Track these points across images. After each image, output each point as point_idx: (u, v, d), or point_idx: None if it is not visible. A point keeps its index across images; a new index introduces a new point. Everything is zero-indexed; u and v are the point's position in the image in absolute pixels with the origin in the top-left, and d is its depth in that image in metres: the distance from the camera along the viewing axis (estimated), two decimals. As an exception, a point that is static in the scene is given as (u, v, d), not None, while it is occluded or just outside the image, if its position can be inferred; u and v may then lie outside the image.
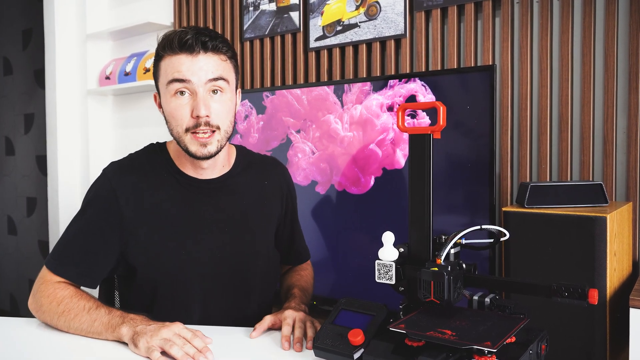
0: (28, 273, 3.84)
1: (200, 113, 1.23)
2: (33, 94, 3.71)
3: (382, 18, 2.13)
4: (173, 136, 1.30)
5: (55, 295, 1.23)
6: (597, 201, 1.44)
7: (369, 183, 1.95)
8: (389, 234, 1.03)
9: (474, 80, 1.73)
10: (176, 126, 1.27)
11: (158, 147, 1.40)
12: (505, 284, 1.02)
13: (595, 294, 0.87)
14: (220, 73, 1.26)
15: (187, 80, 1.23)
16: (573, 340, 1.34)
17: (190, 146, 1.27)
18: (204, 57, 1.24)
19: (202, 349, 1.07)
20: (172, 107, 1.26)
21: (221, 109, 1.27)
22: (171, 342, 1.07)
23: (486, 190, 1.69)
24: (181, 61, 1.24)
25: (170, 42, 1.25)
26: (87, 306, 1.20)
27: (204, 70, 1.24)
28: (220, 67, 1.27)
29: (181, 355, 1.05)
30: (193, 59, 1.24)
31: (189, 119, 1.25)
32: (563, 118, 1.78)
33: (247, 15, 2.58)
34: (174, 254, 1.29)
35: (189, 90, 1.25)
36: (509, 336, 0.88)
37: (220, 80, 1.26)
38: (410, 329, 0.92)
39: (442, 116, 1.00)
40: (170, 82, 1.25)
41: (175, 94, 1.25)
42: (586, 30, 1.74)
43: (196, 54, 1.24)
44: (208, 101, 1.25)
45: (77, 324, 1.19)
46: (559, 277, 1.34)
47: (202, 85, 1.24)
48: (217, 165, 1.36)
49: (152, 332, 1.09)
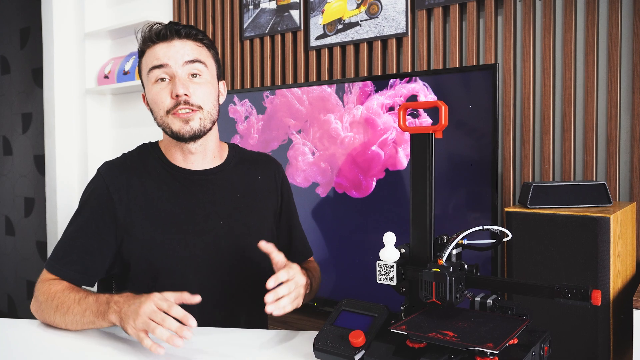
0: (26, 274, 3.84)
1: (179, 92, 1.28)
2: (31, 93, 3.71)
3: (384, 16, 2.13)
4: (158, 124, 1.35)
5: (49, 290, 1.25)
6: (600, 201, 1.44)
7: (371, 184, 1.95)
8: (390, 234, 1.03)
9: (476, 79, 1.73)
10: (158, 111, 1.32)
11: (150, 145, 1.44)
12: (508, 285, 1.02)
13: (599, 295, 0.87)
14: (197, 56, 1.33)
15: (164, 65, 1.30)
16: (576, 342, 1.34)
17: (173, 125, 1.31)
18: (179, 42, 1.32)
19: (182, 317, 1.06)
20: (153, 93, 1.32)
21: (201, 90, 1.32)
22: (152, 324, 1.05)
23: (488, 190, 1.69)
24: (158, 49, 1.32)
25: (148, 35, 1.33)
26: (77, 297, 1.21)
27: (180, 53, 1.31)
28: (196, 51, 1.34)
29: (167, 337, 1.03)
30: (169, 45, 1.32)
31: (169, 100, 1.30)
32: (566, 117, 1.78)
33: (247, 14, 2.58)
34: (169, 249, 1.31)
35: (168, 75, 1.31)
36: (512, 338, 0.88)
37: (197, 62, 1.32)
38: (412, 331, 0.92)
39: (443, 115, 1.00)
40: (150, 71, 1.32)
41: (156, 82, 1.32)
42: (589, 29, 1.74)
43: (170, 40, 1.32)
44: (187, 82, 1.31)
45: (70, 316, 1.20)
46: (561, 278, 1.34)
47: (180, 67, 1.30)
48: (207, 153, 1.39)
49: (133, 314, 1.08)
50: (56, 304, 1.22)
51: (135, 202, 1.33)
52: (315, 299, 2.03)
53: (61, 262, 1.30)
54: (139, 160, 1.39)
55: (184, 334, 1.04)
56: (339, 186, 2.03)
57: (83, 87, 3.30)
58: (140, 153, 1.42)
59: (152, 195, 1.34)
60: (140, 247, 1.31)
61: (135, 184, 1.34)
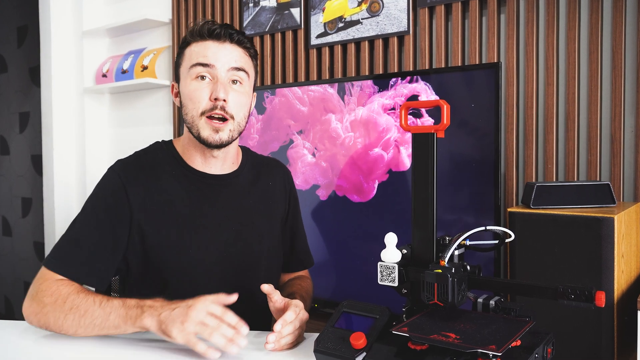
0: (23, 275, 3.84)
1: (219, 95, 1.28)
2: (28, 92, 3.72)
3: (385, 14, 2.13)
4: (187, 122, 1.33)
5: (59, 292, 1.18)
6: (604, 201, 1.44)
7: (373, 186, 1.95)
8: (391, 235, 1.03)
9: (479, 78, 1.73)
10: (192, 109, 1.31)
11: (164, 144, 1.42)
12: (511, 286, 1.02)
13: (603, 297, 0.87)
14: (243, 64, 1.33)
15: (210, 65, 1.30)
16: (580, 344, 1.34)
17: (203, 131, 1.30)
18: (230, 46, 1.32)
19: (236, 324, 1.07)
20: (191, 89, 1.31)
21: (238, 99, 1.32)
22: (208, 328, 1.05)
23: (491, 191, 1.69)
24: (207, 46, 1.31)
25: (200, 29, 1.32)
26: (97, 300, 1.16)
27: (228, 58, 1.31)
28: (244, 59, 1.34)
29: (223, 343, 1.04)
30: (219, 46, 1.31)
31: (207, 101, 1.29)
32: (570, 117, 1.78)
33: (247, 12, 2.58)
34: (181, 251, 1.31)
35: (210, 75, 1.30)
36: (514, 339, 0.88)
37: (241, 71, 1.33)
38: (414, 332, 0.92)
39: (446, 115, 1.00)
40: (193, 66, 1.31)
41: (197, 78, 1.31)
42: (593, 27, 1.74)
43: (223, 41, 1.32)
44: (227, 88, 1.30)
45: (88, 319, 1.14)
46: (565, 279, 1.34)
47: (225, 71, 1.30)
48: (227, 159, 1.39)
49: (181, 316, 1.06)
50: (69, 306, 1.16)
51: (150, 201, 1.31)
52: (316, 300, 2.03)
53: (65, 259, 1.24)
54: (154, 159, 1.37)
55: (239, 341, 1.05)
56: (340, 188, 2.04)
57: (81, 86, 3.31)
58: (154, 151, 1.40)
59: (168, 195, 1.33)
60: (152, 248, 1.30)
61: (151, 183, 1.32)
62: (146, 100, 3.17)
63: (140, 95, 3.20)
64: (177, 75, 1.37)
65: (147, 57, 2.95)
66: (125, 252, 1.30)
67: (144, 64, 2.93)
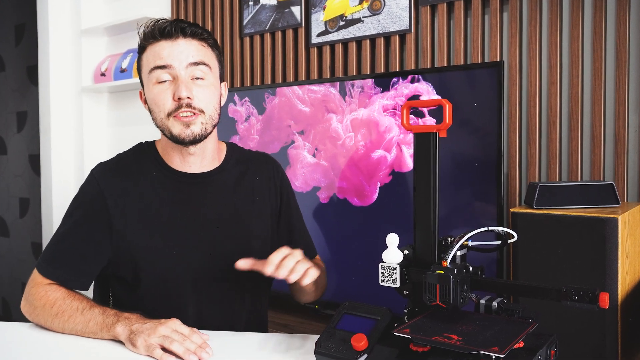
0: (21, 276, 3.85)
1: (182, 94, 1.26)
2: (26, 92, 3.72)
3: (387, 13, 2.13)
4: (157, 125, 1.33)
5: (47, 297, 1.26)
6: (608, 202, 1.44)
7: (375, 188, 1.95)
8: (393, 235, 1.03)
9: (481, 76, 1.73)
10: (159, 112, 1.30)
11: (146, 146, 1.42)
12: (513, 287, 1.02)
13: (606, 298, 0.87)
14: (201, 58, 1.30)
15: (168, 66, 1.28)
16: (583, 346, 1.34)
17: (173, 128, 1.29)
18: (184, 42, 1.29)
19: (202, 344, 1.10)
20: (154, 94, 1.30)
21: (204, 93, 1.30)
22: (170, 339, 1.09)
23: (493, 191, 1.69)
24: (162, 47, 1.29)
25: (151, 31, 1.30)
26: (81, 307, 1.22)
27: (185, 54, 1.28)
28: (201, 52, 1.31)
29: (182, 351, 1.07)
30: (173, 44, 1.29)
31: (171, 102, 1.28)
32: (573, 116, 1.78)
33: (247, 10, 2.58)
34: (165, 254, 1.31)
35: (170, 76, 1.29)
36: (517, 341, 0.88)
37: (201, 64, 1.30)
38: (416, 334, 0.92)
39: (448, 114, 1.00)
40: (152, 70, 1.29)
41: (158, 82, 1.29)
42: (597, 25, 1.74)
43: (175, 38, 1.29)
44: (190, 85, 1.28)
45: (71, 324, 1.21)
46: (568, 280, 1.34)
47: (183, 69, 1.28)
48: (205, 156, 1.38)
49: (149, 330, 1.11)
50: (55, 311, 1.23)
51: (130, 206, 1.32)
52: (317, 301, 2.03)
53: (52, 263, 1.30)
54: (134, 162, 1.38)
55: (202, 355, 1.07)
56: (342, 190, 2.04)
57: (79, 85, 3.31)
58: (135, 153, 1.41)
59: (148, 199, 1.33)
60: (136, 253, 1.30)
61: (130, 187, 1.33)
62: (145, 100, 3.17)
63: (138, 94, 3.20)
64: (141, 81, 1.37)
65: (146, 55, 2.95)
66: (110, 256, 1.32)
67: (142, 62, 2.93)
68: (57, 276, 1.29)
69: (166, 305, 1.31)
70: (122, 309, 1.27)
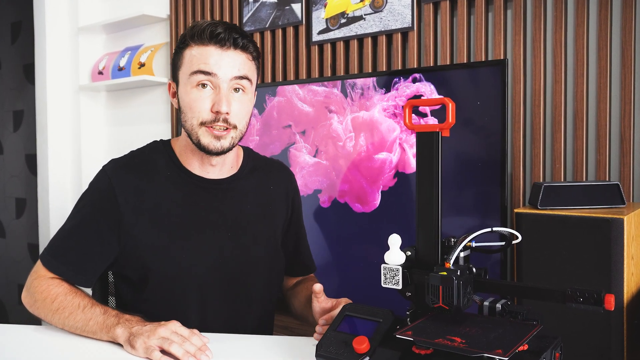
0: (17, 278, 3.85)
1: (222, 109, 1.26)
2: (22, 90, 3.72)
3: (389, 10, 2.14)
4: (185, 128, 1.32)
5: (49, 291, 1.26)
6: (613, 202, 1.44)
7: (377, 191, 1.96)
8: (395, 236, 1.03)
9: (485, 75, 1.73)
10: (192, 118, 1.29)
11: (162, 144, 1.41)
12: (518, 289, 1.02)
13: (612, 300, 0.87)
14: (246, 72, 1.30)
15: (212, 74, 1.26)
16: (588, 348, 1.34)
17: (203, 138, 1.29)
18: (233, 53, 1.28)
19: (202, 347, 1.10)
20: (191, 98, 1.28)
21: (241, 109, 1.30)
22: (170, 340, 1.09)
23: (497, 191, 1.69)
24: (210, 53, 1.27)
25: (202, 31, 1.27)
26: (82, 304, 1.22)
27: (231, 67, 1.27)
28: (247, 66, 1.31)
29: (182, 353, 1.07)
30: (222, 53, 1.27)
31: (208, 112, 1.28)
32: (578, 115, 1.78)
33: (247, 7, 2.58)
34: (173, 256, 1.31)
35: (211, 84, 1.28)
36: (522, 344, 0.88)
37: (244, 79, 1.30)
38: (418, 336, 0.92)
39: (451, 113, 1.00)
40: (194, 73, 1.28)
41: (197, 86, 1.28)
42: (602, 23, 1.74)
43: (226, 48, 1.28)
44: (230, 98, 1.28)
45: (71, 321, 1.21)
46: (573, 281, 1.34)
47: (227, 81, 1.27)
48: (225, 164, 1.39)
49: (148, 332, 1.11)
50: (56, 307, 1.24)
51: (141, 204, 1.31)
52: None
53: (57, 257, 1.31)
54: (149, 160, 1.37)
55: (201, 357, 1.08)
56: (343, 193, 2.04)
57: (76, 84, 3.31)
58: (150, 152, 1.39)
59: (160, 199, 1.33)
60: (144, 252, 1.30)
61: (143, 185, 1.33)
62: (143, 98, 3.17)
63: (137, 93, 3.21)
64: (176, 76, 1.34)
65: (144, 53, 2.95)
66: (117, 254, 1.32)
67: (141, 60, 2.93)
68: (61, 272, 1.30)
69: (170, 308, 1.31)
70: (126, 309, 1.27)
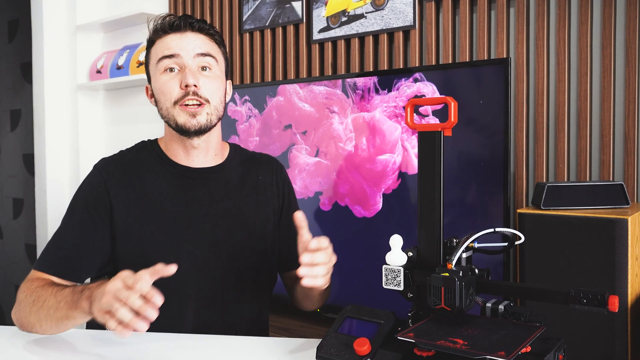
0: (15, 279, 3.85)
1: (189, 81, 1.31)
2: (20, 89, 3.72)
3: (390, 8, 2.14)
4: (162, 116, 1.38)
5: (30, 287, 1.25)
6: (617, 202, 1.44)
7: (379, 193, 1.96)
8: (397, 237, 1.03)
9: (487, 74, 1.73)
10: (165, 101, 1.35)
11: (149, 143, 1.47)
12: (520, 290, 1.02)
13: (616, 301, 0.87)
14: (208, 50, 1.37)
15: (176, 55, 1.34)
16: (592, 350, 1.35)
17: (179, 118, 1.33)
18: (192, 35, 1.37)
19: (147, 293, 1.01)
20: (161, 83, 1.35)
21: (210, 84, 1.36)
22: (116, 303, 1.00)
23: (500, 191, 1.69)
24: (170, 39, 1.36)
25: (160, 25, 1.38)
26: (55, 290, 1.20)
27: (192, 45, 1.36)
28: (208, 45, 1.38)
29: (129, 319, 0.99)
30: (182, 36, 1.36)
31: (178, 90, 1.33)
32: (581, 114, 1.78)
33: (247, 5, 2.59)
34: (166, 248, 1.33)
35: (178, 66, 1.35)
36: (524, 346, 0.88)
37: (208, 56, 1.37)
38: (420, 338, 0.92)
39: (453, 112, 1.01)
40: (160, 60, 1.36)
41: (165, 71, 1.35)
42: (606, 21, 1.74)
43: (184, 31, 1.36)
44: (197, 74, 1.34)
45: (44, 311, 1.18)
46: (577, 282, 1.34)
47: (191, 59, 1.35)
48: (209, 150, 1.42)
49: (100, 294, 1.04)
50: (33, 299, 1.21)
51: (132, 198, 1.35)
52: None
53: (49, 258, 1.32)
54: (137, 157, 1.42)
55: (147, 314, 0.99)
56: (344, 196, 2.04)
57: (74, 83, 3.31)
58: (138, 150, 1.45)
59: (151, 193, 1.36)
60: (136, 246, 1.32)
61: (134, 181, 1.37)
62: (142, 97, 3.17)
63: (135, 92, 3.21)
64: (148, 76, 1.42)
65: (143, 52, 2.95)
66: (109, 250, 1.34)
67: (139, 59, 2.93)
68: (50, 268, 1.30)
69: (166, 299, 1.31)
70: None
